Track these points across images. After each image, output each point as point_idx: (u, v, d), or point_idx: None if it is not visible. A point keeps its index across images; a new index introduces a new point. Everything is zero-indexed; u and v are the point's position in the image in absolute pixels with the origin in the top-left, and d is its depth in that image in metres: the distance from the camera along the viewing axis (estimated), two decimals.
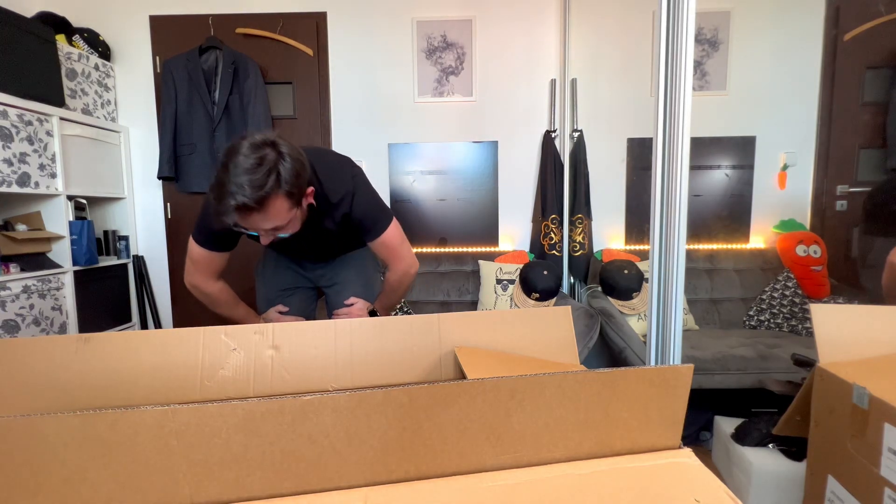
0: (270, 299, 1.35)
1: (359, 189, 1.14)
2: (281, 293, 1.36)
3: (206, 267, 1.18)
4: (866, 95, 2.41)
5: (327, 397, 0.40)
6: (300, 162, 0.95)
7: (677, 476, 0.43)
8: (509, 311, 0.79)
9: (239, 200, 0.87)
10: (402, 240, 1.24)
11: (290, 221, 0.98)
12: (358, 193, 1.13)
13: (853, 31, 2.36)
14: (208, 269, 1.18)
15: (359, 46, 2.46)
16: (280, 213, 0.94)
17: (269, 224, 0.95)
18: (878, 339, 0.89)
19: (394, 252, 1.22)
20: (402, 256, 1.24)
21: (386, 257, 1.23)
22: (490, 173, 2.52)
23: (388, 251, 1.22)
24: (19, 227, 1.95)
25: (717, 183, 2.48)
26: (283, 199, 0.93)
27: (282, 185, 0.91)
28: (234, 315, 1.26)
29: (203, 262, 1.17)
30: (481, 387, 0.43)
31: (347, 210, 1.13)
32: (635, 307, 2.07)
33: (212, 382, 0.68)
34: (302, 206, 1.01)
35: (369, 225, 1.17)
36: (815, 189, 2.48)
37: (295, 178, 0.93)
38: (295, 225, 1.01)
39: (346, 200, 1.12)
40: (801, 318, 2.08)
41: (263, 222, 0.94)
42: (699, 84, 2.43)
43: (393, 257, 1.23)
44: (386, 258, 1.24)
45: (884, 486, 0.71)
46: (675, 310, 1.02)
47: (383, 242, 1.19)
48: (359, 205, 1.13)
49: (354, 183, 1.13)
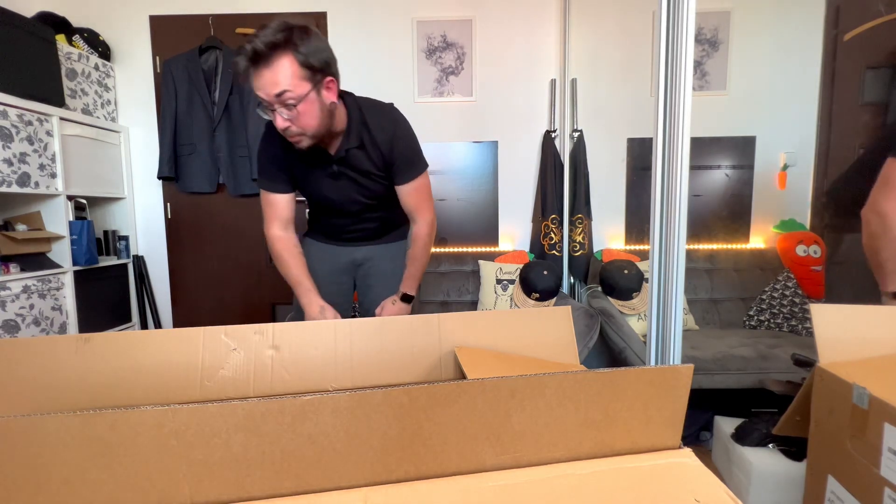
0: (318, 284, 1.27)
1: (400, 127, 1.14)
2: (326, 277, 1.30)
3: (272, 212, 1.19)
4: (866, 95, 2.40)
5: (327, 397, 0.40)
6: (326, 46, 1.00)
7: (677, 476, 0.43)
8: (509, 311, 0.79)
9: (248, 48, 0.92)
10: (430, 190, 1.24)
11: (306, 100, 0.97)
12: (399, 130, 1.14)
13: (853, 31, 2.36)
14: (273, 213, 1.19)
15: (359, 46, 2.46)
16: (288, 76, 0.94)
17: (277, 86, 0.94)
18: (878, 339, 0.89)
19: (425, 201, 1.22)
20: (431, 207, 1.24)
21: (416, 206, 1.21)
22: (490, 173, 2.53)
23: (420, 198, 1.21)
24: (19, 227, 1.95)
25: (717, 183, 2.48)
26: (293, 62, 0.95)
27: (293, 46, 0.94)
28: (289, 276, 1.22)
29: (268, 206, 1.19)
30: (481, 387, 0.43)
31: (388, 147, 1.13)
32: (635, 307, 2.07)
33: (212, 382, 0.68)
34: (321, 96, 1.01)
35: (407, 165, 1.16)
36: (815, 189, 2.48)
37: (312, 50, 0.96)
38: (312, 111, 1.00)
39: (387, 135, 1.12)
40: (801, 318, 2.08)
41: (272, 84, 0.94)
42: (699, 84, 2.43)
43: (423, 206, 1.22)
44: (415, 207, 1.22)
45: (884, 487, 0.71)
46: (675, 310, 1.02)
47: (417, 188, 1.19)
48: (400, 139, 1.13)
49: (397, 121, 1.14)
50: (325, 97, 1.02)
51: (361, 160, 1.14)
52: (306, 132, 1.02)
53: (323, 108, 1.02)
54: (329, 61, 1.01)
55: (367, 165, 1.15)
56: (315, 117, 1.01)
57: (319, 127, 1.03)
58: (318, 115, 1.02)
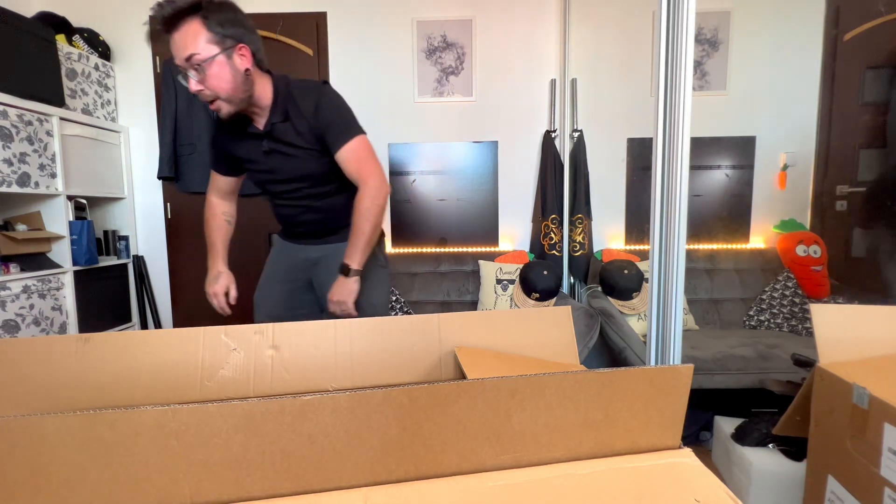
0: (269, 290, 1.35)
1: (326, 96, 1.15)
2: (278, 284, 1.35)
3: (213, 183, 1.33)
4: (866, 95, 2.41)
5: (327, 397, 0.40)
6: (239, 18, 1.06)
7: (677, 476, 0.43)
8: (509, 311, 0.79)
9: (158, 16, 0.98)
10: (373, 155, 1.19)
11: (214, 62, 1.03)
12: (324, 99, 1.14)
13: (853, 31, 2.36)
14: (213, 185, 1.33)
15: (359, 46, 2.46)
16: (195, 39, 1.01)
17: (185, 49, 1.01)
18: (878, 339, 0.89)
19: (365, 164, 1.16)
20: (374, 171, 1.16)
21: (356, 171, 1.16)
22: (490, 173, 2.53)
23: (359, 163, 1.15)
24: (19, 227, 1.95)
25: (717, 183, 2.48)
26: (200, 26, 1.01)
27: (200, 11, 1.00)
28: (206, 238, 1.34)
29: (211, 178, 1.34)
30: (481, 387, 0.43)
31: (313, 116, 1.13)
32: (635, 307, 2.07)
33: (212, 382, 0.68)
34: (233, 60, 1.05)
35: (337, 130, 1.14)
36: (815, 189, 2.48)
37: (222, 18, 1.02)
38: (222, 74, 1.04)
39: (311, 104, 1.13)
40: (801, 318, 2.08)
41: (181, 47, 1.01)
42: (699, 84, 2.43)
43: (364, 170, 1.15)
44: (356, 172, 1.16)
45: (883, 486, 0.71)
46: (675, 310, 1.02)
47: (353, 150, 1.15)
48: (325, 107, 1.13)
49: (322, 92, 1.15)
50: (238, 62, 1.06)
51: (288, 133, 1.15)
52: (219, 95, 1.06)
53: (236, 73, 1.06)
54: (242, 31, 1.06)
55: (294, 138, 1.16)
56: (226, 80, 1.05)
57: (232, 91, 1.07)
58: (230, 79, 1.06)
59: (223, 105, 1.09)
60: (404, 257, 2.47)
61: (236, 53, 1.06)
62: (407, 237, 2.56)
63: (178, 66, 1.04)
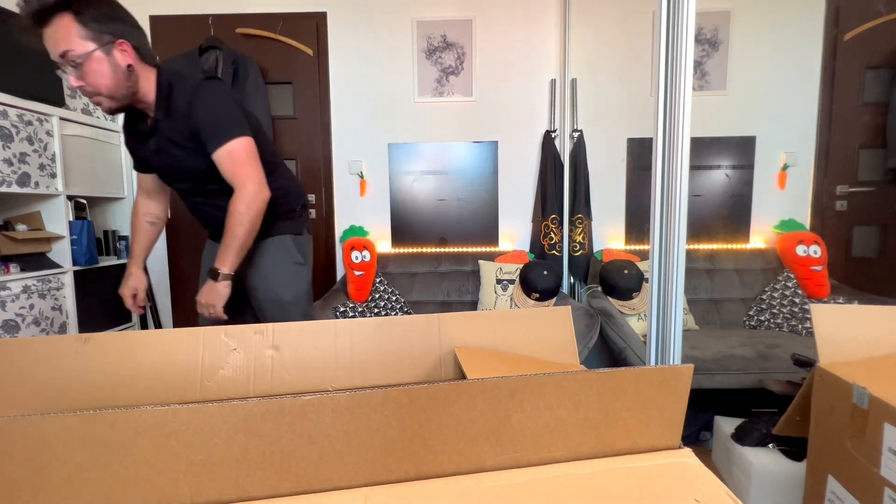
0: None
1: (200, 92, 1.09)
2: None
3: (138, 182, 1.36)
4: (866, 95, 2.41)
5: (327, 397, 0.40)
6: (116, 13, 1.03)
7: (677, 476, 0.43)
8: (509, 311, 0.79)
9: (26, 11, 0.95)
10: (252, 159, 1.14)
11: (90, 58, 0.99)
12: (198, 94, 1.09)
13: (853, 31, 2.36)
14: (139, 182, 1.35)
15: (359, 46, 2.46)
16: (67, 36, 0.97)
17: (58, 46, 0.98)
18: (878, 339, 0.89)
19: (240, 168, 1.11)
20: (250, 175, 1.12)
21: (231, 175, 1.12)
22: (490, 173, 2.53)
23: (234, 167, 1.11)
24: (19, 227, 1.95)
25: (717, 183, 2.48)
26: (72, 21, 0.97)
27: (69, 6, 0.96)
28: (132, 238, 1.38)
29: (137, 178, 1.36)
30: (481, 387, 0.43)
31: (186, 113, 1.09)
32: (635, 307, 2.07)
33: (212, 382, 0.68)
34: (112, 56, 1.02)
35: (210, 130, 1.09)
36: (815, 189, 2.48)
37: (96, 13, 0.99)
38: (101, 70, 1.01)
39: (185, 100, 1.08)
40: (801, 318, 2.08)
41: (53, 44, 0.98)
42: (699, 84, 2.43)
43: (240, 175, 1.11)
44: (232, 176, 1.12)
45: (883, 487, 0.71)
46: (675, 310, 1.02)
47: (227, 153, 1.10)
48: (198, 103, 1.08)
49: (197, 88, 1.09)
50: (118, 58, 1.03)
51: (169, 130, 1.13)
52: (100, 92, 1.03)
53: (116, 69, 1.03)
54: (122, 26, 1.04)
55: (174, 135, 1.13)
56: (106, 77, 1.02)
57: (114, 88, 1.04)
58: (110, 75, 1.03)
59: (104, 101, 1.06)
60: (404, 257, 2.47)
61: (116, 49, 1.03)
62: (407, 237, 2.56)
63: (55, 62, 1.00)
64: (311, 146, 2.54)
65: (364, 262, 2.27)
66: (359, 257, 2.26)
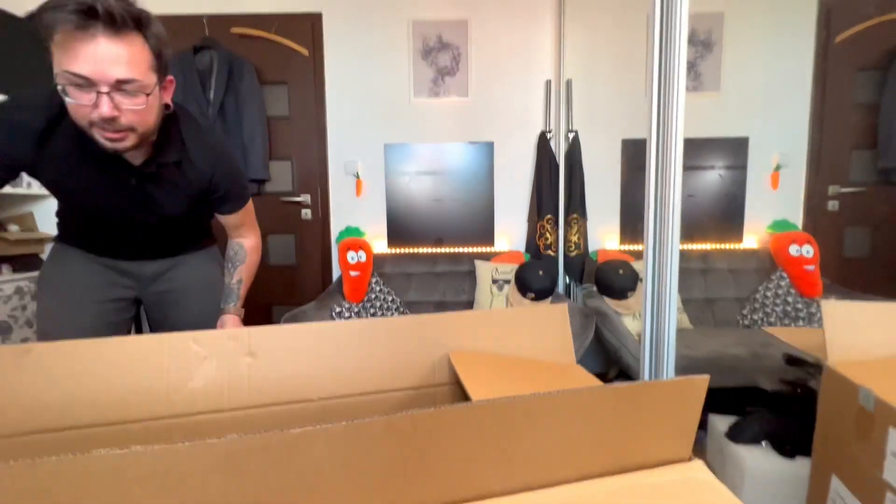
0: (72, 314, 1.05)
1: (223, 164, 1.05)
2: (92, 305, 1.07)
3: None
4: (858, 97, 2.43)
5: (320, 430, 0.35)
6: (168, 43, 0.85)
7: (692, 491, 0.42)
8: (505, 311, 0.79)
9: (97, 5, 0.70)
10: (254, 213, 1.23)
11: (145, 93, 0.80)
12: (221, 168, 1.04)
13: (844, 34, 2.38)
14: None
15: (354, 47, 2.46)
16: (138, 64, 0.77)
17: (124, 71, 0.75)
18: (891, 339, 0.85)
19: (250, 216, 1.19)
20: (256, 225, 1.23)
21: (241, 224, 1.18)
22: (486, 174, 2.53)
23: (248, 217, 1.18)
24: (11, 228, 1.93)
25: (710, 183, 2.49)
26: (144, 47, 0.78)
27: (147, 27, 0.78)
28: None
29: None
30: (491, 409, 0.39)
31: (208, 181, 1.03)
32: (630, 307, 2.09)
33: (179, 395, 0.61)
34: (160, 93, 0.86)
35: (232, 200, 1.11)
36: (807, 189, 2.50)
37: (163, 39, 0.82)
38: (151, 111, 0.84)
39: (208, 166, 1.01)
40: (794, 317, 2.10)
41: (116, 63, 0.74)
42: (692, 85, 2.45)
43: (251, 226, 1.21)
44: (247, 224, 1.19)
45: (886, 491, 0.71)
46: (670, 309, 1.03)
47: (244, 213, 1.17)
48: (222, 177, 1.05)
49: (223, 150, 1.06)
50: (163, 96, 0.89)
51: (174, 181, 0.99)
52: (136, 129, 0.82)
53: (160, 108, 0.88)
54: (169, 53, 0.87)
55: (177, 188, 1.01)
56: (153, 115, 0.85)
57: (153, 127, 0.88)
58: (156, 114, 0.87)
59: (132, 138, 0.83)
60: (400, 258, 2.47)
61: (164, 88, 0.88)
62: (403, 238, 2.56)
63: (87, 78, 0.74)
64: (306, 147, 2.53)
65: (360, 262, 2.26)
66: (354, 258, 2.26)
